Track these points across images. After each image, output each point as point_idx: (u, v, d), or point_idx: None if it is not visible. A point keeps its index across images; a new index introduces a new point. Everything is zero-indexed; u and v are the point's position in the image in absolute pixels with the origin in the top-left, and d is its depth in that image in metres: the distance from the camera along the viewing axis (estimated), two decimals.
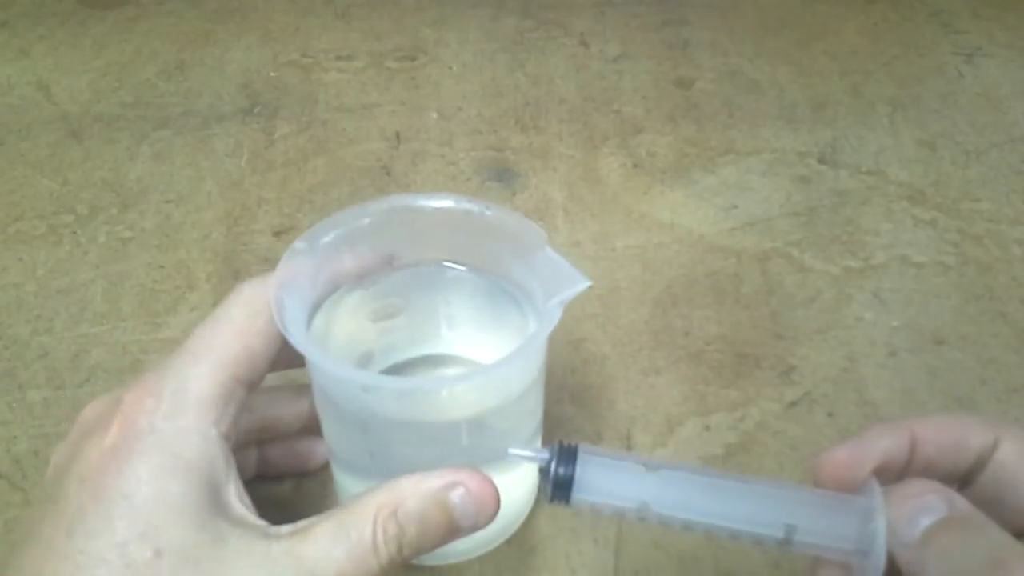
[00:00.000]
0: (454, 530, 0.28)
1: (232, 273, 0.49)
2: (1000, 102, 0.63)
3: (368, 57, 0.67)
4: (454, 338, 0.38)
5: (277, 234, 0.52)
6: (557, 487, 0.27)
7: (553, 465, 0.27)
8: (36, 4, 0.73)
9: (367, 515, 0.27)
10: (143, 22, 0.71)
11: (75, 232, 0.52)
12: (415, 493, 0.27)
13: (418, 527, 0.27)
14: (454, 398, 0.31)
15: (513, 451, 0.28)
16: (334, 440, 0.35)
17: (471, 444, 0.32)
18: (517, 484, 0.36)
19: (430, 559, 0.36)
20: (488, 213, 0.34)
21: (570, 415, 0.42)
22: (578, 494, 0.27)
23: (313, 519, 0.28)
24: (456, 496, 0.27)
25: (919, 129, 0.60)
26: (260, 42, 0.69)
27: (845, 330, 0.47)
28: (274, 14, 0.72)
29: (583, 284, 0.31)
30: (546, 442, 0.38)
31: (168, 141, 0.59)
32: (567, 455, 0.27)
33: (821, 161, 0.58)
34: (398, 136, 0.59)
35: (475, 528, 0.28)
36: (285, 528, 0.28)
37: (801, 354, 0.45)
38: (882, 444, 0.26)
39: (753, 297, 0.48)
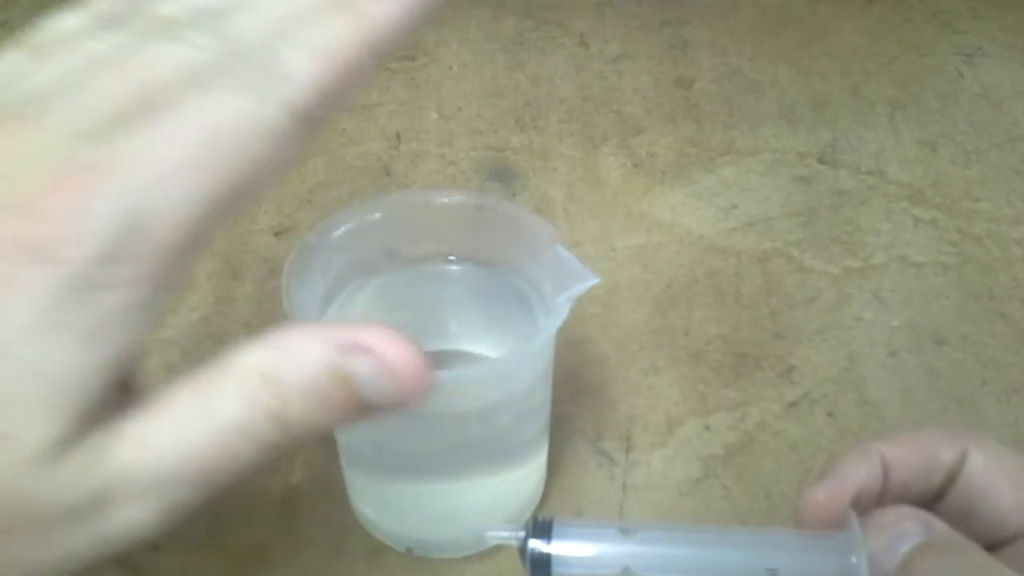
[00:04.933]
0: (362, 408, 0.20)
1: (232, 273, 0.49)
2: (1000, 102, 0.63)
3: None
4: (462, 334, 0.39)
5: (277, 234, 0.52)
6: (536, 565, 0.27)
7: (529, 544, 0.27)
8: (36, 4, 0.73)
9: (233, 384, 0.20)
10: None
11: None
12: (301, 360, 0.20)
13: (306, 402, 0.20)
14: (462, 391, 0.32)
15: (490, 533, 0.28)
16: (344, 435, 0.35)
17: (478, 437, 0.33)
18: (523, 480, 0.37)
19: (435, 551, 0.37)
20: (498, 209, 0.35)
21: (570, 415, 0.42)
22: (558, 569, 0.27)
23: (170, 385, 0.20)
24: (362, 367, 0.20)
25: (919, 129, 0.60)
26: None
27: (845, 330, 0.47)
28: None
29: (591, 280, 0.32)
30: (552, 439, 0.38)
31: None
32: (542, 530, 0.27)
33: (821, 161, 0.58)
34: (398, 136, 0.59)
35: (396, 406, 0.21)
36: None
37: (801, 354, 0.45)
38: (857, 476, 0.26)
39: (753, 297, 0.48)
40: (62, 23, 0.24)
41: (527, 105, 0.62)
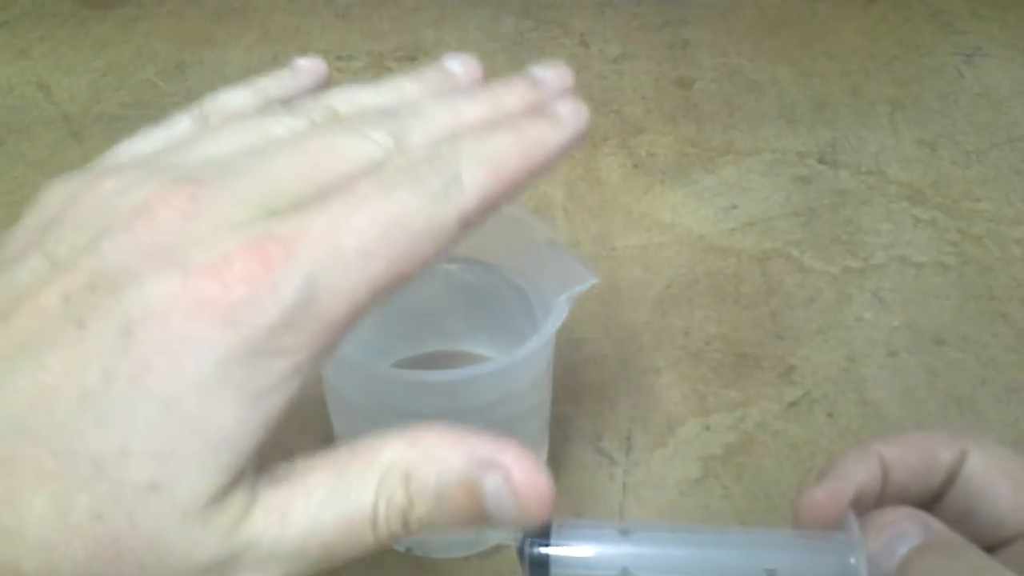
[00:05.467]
0: (482, 519, 0.21)
1: None
2: (1000, 102, 0.63)
3: (368, 57, 0.67)
4: (462, 334, 0.39)
5: None
6: (534, 566, 0.27)
7: (527, 544, 0.27)
8: (36, 4, 0.73)
9: (372, 475, 0.20)
10: (143, 22, 0.71)
11: None
12: (437, 465, 0.20)
13: (432, 505, 0.20)
14: (463, 391, 0.32)
15: (490, 533, 0.28)
16: (342, 435, 0.35)
17: None
18: None
19: (434, 551, 0.37)
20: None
21: (570, 415, 0.42)
22: (556, 570, 0.27)
23: (309, 461, 0.21)
24: (491, 483, 0.20)
25: (919, 129, 0.60)
26: (260, 42, 0.69)
27: (845, 330, 0.47)
28: (274, 14, 0.72)
29: (590, 281, 0.32)
30: (552, 439, 0.38)
31: None
32: (541, 531, 0.27)
33: (821, 161, 0.58)
34: None
35: (513, 523, 0.21)
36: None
37: (801, 354, 0.45)
38: (857, 476, 0.26)
39: (753, 297, 0.48)
40: (229, 98, 0.26)
41: None
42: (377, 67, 0.66)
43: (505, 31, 0.70)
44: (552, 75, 0.26)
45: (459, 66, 0.27)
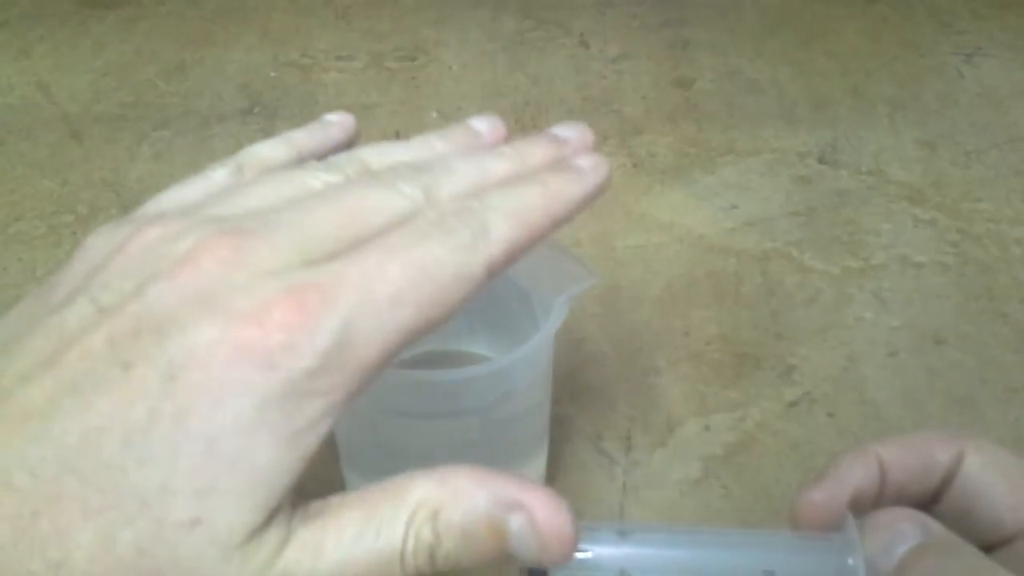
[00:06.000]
0: (506, 556, 0.22)
1: None
2: (1000, 102, 0.63)
3: (368, 57, 0.67)
4: (462, 334, 0.39)
5: None
6: (532, 569, 0.27)
7: None
8: (36, 4, 0.73)
9: (401, 513, 0.21)
10: (143, 22, 0.71)
11: (75, 232, 0.52)
12: (463, 504, 0.21)
13: (458, 543, 0.21)
14: (463, 391, 0.32)
15: None
16: (342, 436, 0.35)
17: (478, 437, 0.33)
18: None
19: None
20: None
21: (570, 415, 0.42)
22: (555, 572, 0.27)
23: (342, 498, 0.22)
24: (515, 523, 0.21)
25: (919, 129, 0.60)
26: (260, 42, 0.69)
27: (845, 330, 0.47)
28: (274, 14, 0.72)
29: (591, 280, 0.32)
30: (552, 439, 0.38)
31: (168, 141, 0.59)
32: None
33: (821, 161, 0.58)
34: (398, 136, 0.59)
35: (536, 562, 0.22)
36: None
37: (801, 354, 0.45)
38: (854, 477, 0.26)
39: (753, 297, 0.48)
40: (264, 150, 0.27)
41: (527, 105, 0.62)
42: (377, 67, 0.66)
43: (505, 31, 0.70)
44: (574, 133, 0.28)
45: (485, 126, 0.28)
